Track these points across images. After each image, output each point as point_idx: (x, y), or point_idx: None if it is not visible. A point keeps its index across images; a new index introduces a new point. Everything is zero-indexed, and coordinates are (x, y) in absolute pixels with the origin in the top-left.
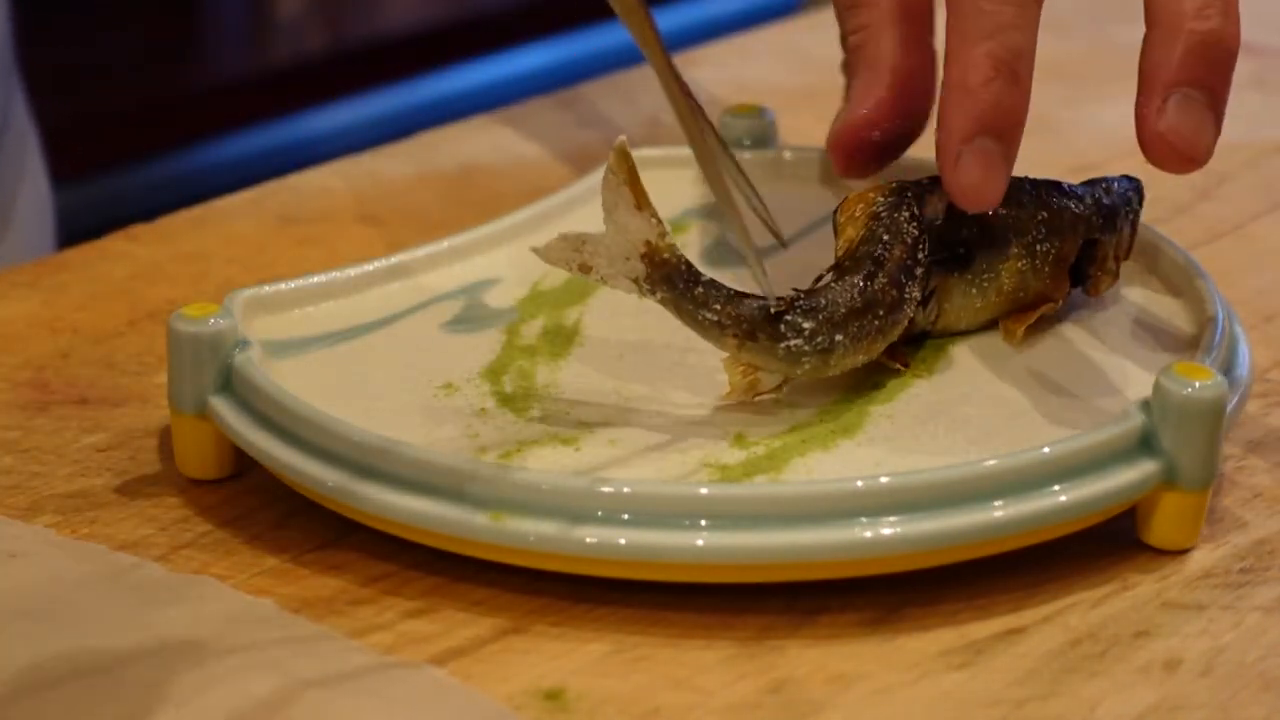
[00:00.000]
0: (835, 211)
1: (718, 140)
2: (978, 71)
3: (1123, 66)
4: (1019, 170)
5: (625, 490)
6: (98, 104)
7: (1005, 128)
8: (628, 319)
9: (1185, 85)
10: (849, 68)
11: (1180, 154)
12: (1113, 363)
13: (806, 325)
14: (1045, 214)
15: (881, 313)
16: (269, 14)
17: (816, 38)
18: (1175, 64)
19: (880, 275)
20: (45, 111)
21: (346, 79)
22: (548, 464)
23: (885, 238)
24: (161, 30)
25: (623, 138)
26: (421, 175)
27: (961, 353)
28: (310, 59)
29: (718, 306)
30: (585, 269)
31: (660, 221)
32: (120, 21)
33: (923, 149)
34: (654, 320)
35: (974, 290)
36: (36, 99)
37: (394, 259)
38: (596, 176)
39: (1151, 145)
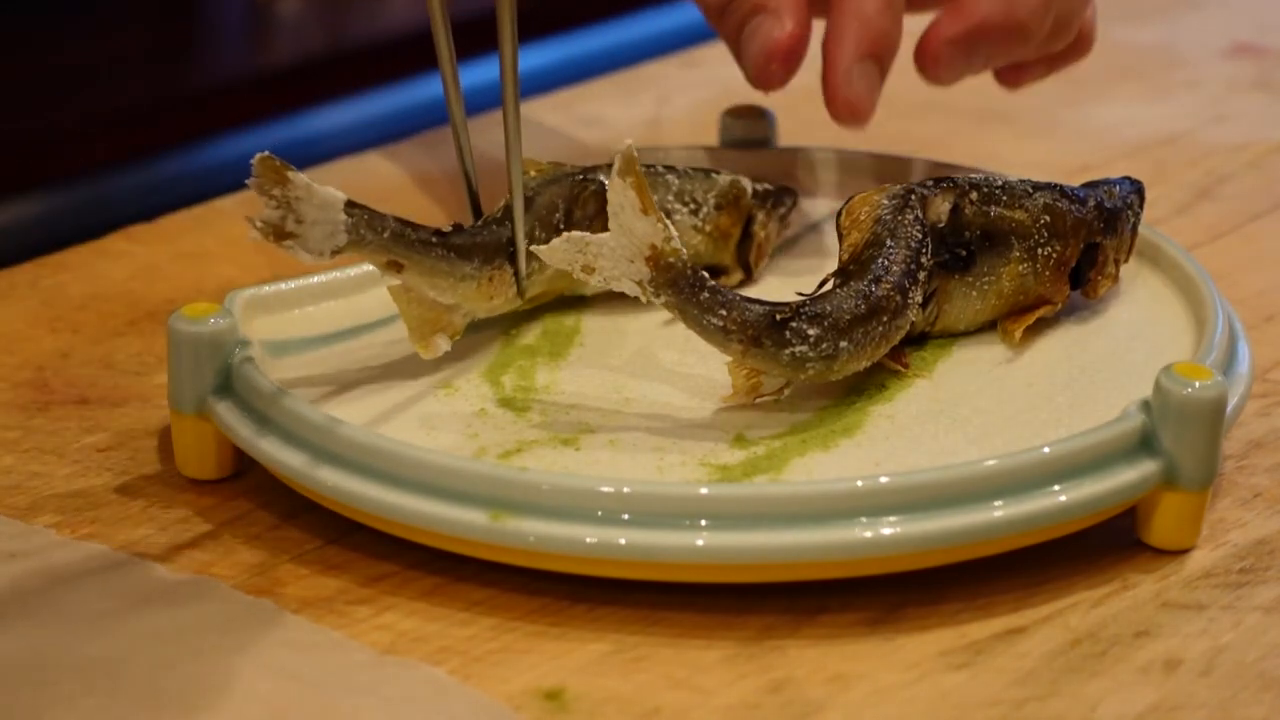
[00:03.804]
0: (839, 214)
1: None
2: (873, 2)
3: (1123, 66)
4: (1022, 170)
5: (625, 490)
6: (98, 104)
7: (885, 54)
8: (628, 320)
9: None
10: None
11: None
12: (1113, 363)
13: (811, 332)
14: (1048, 217)
15: (886, 318)
16: (269, 14)
17: (816, 38)
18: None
19: (885, 281)
20: (45, 111)
21: (346, 79)
22: (548, 464)
23: (889, 242)
24: (161, 30)
25: (629, 141)
26: (421, 175)
27: (961, 353)
28: (310, 59)
29: (723, 312)
30: (589, 270)
31: (667, 225)
32: (120, 21)
33: (923, 148)
34: (654, 321)
35: (974, 293)
36: (38, 99)
37: None
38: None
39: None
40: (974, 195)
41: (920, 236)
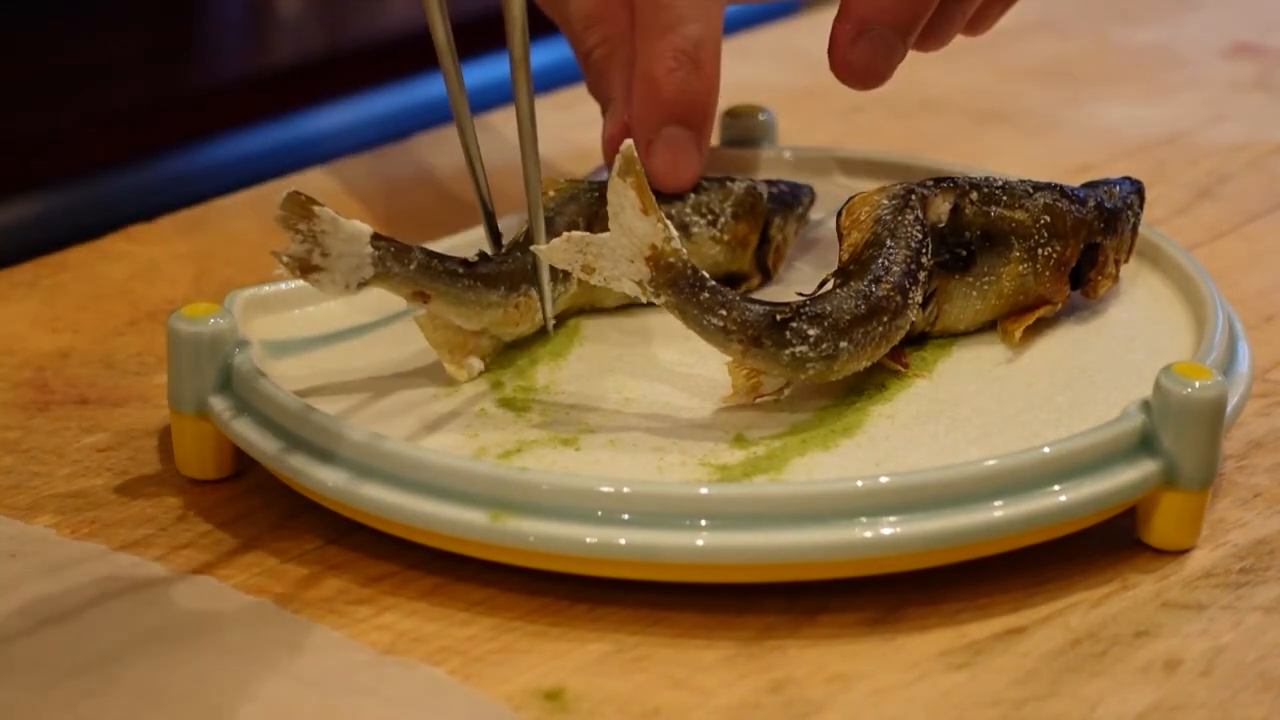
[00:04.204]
0: (839, 214)
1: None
2: (661, 63)
3: (1123, 67)
4: (1022, 170)
5: (625, 490)
6: (98, 104)
7: (691, 114)
8: (628, 320)
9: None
10: (597, 78)
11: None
12: (1113, 363)
13: (812, 332)
14: (1048, 218)
15: (886, 319)
16: (269, 14)
17: (816, 38)
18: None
19: (885, 281)
20: (45, 111)
21: (346, 79)
22: (548, 464)
23: (889, 242)
24: (161, 30)
25: (629, 141)
26: (421, 175)
27: (961, 353)
28: (310, 59)
29: (723, 312)
30: (589, 270)
31: (667, 225)
32: (120, 22)
33: (923, 148)
34: (654, 321)
35: (974, 293)
36: (38, 99)
37: None
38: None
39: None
40: (974, 195)
41: (920, 236)
